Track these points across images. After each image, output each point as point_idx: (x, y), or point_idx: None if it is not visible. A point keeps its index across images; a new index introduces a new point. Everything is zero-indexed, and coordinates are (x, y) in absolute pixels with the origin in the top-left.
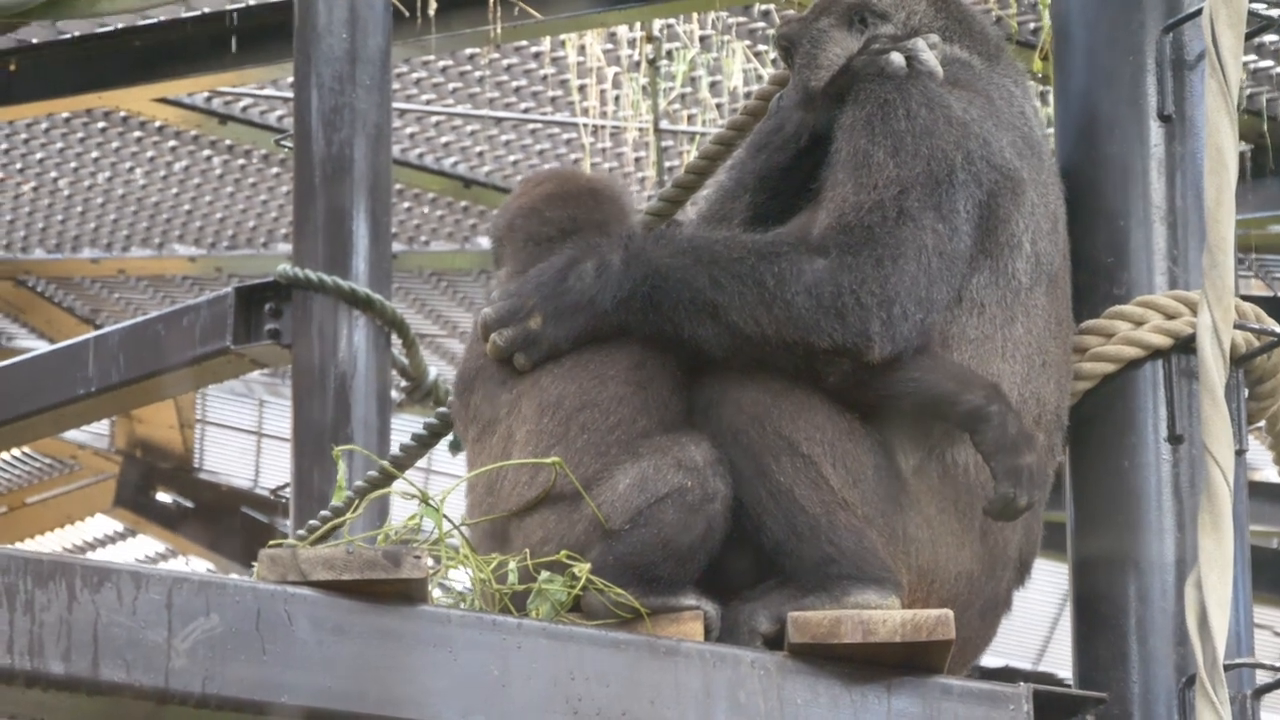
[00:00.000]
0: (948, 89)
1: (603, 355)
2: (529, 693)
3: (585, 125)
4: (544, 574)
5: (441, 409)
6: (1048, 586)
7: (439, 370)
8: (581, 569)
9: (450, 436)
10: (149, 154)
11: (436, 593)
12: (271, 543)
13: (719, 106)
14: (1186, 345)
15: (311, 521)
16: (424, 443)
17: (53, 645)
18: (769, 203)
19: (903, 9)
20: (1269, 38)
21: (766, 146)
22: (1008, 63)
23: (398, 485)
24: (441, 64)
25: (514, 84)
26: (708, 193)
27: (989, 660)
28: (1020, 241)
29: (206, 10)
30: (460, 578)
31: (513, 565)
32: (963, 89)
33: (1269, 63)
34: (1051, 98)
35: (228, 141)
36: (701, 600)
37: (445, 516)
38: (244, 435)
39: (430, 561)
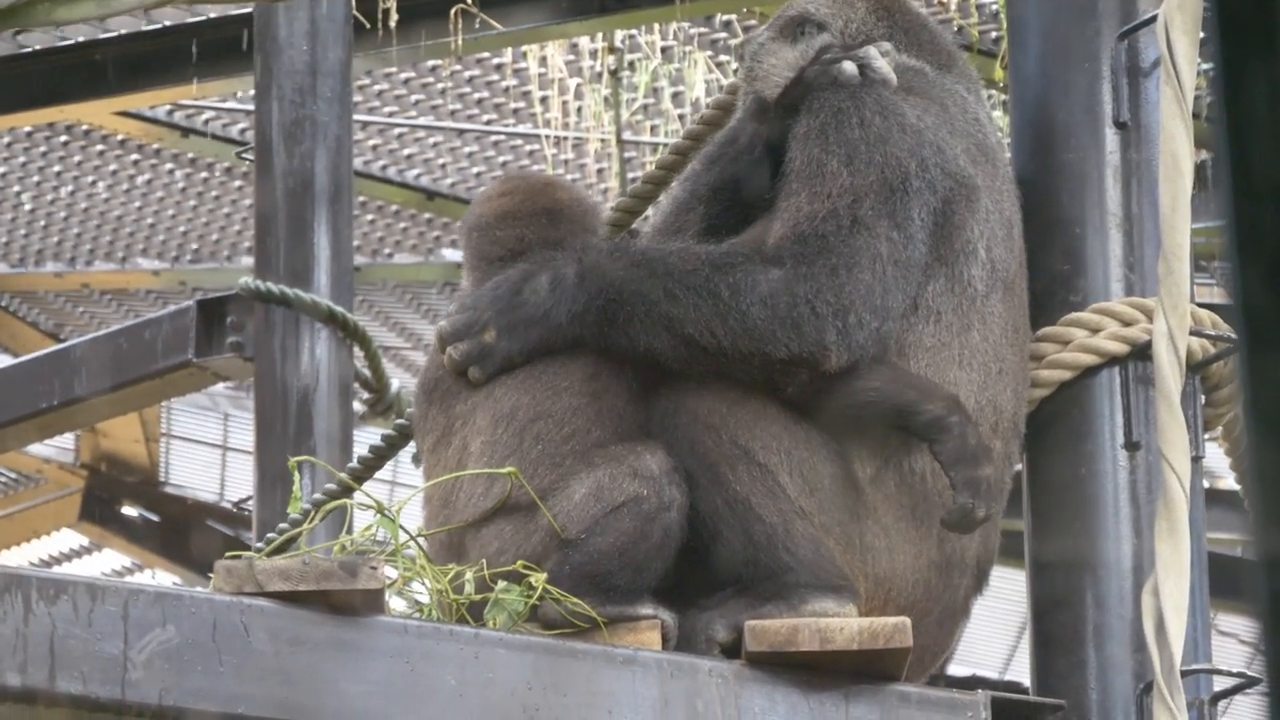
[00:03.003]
0: (901, 96)
1: (557, 366)
2: (486, 702)
3: (547, 136)
4: (501, 584)
5: (401, 420)
6: (1014, 595)
7: (402, 383)
8: (538, 579)
9: (413, 448)
10: (111, 168)
11: (394, 603)
12: (229, 554)
13: (681, 117)
14: (1143, 352)
15: (270, 534)
16: (383, 454)
17: (9, 658)
18: (723, 214)
19: (840, 17)
20: None
21: (720, 158)
22: (961, 69)
23: (355, 497)
24: (403, 76)
25: (476, 95)
26: (662, 205)
27: (956, 669)
28: (975, 248)
29: (168, 23)
30: (417, 589)
31: (469, 575)
32: (917, 96)
33: None
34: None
35: (189, 155)
36: (659, 609)
37: (401, 527)
38: (209, 449)
39: (387, 572)
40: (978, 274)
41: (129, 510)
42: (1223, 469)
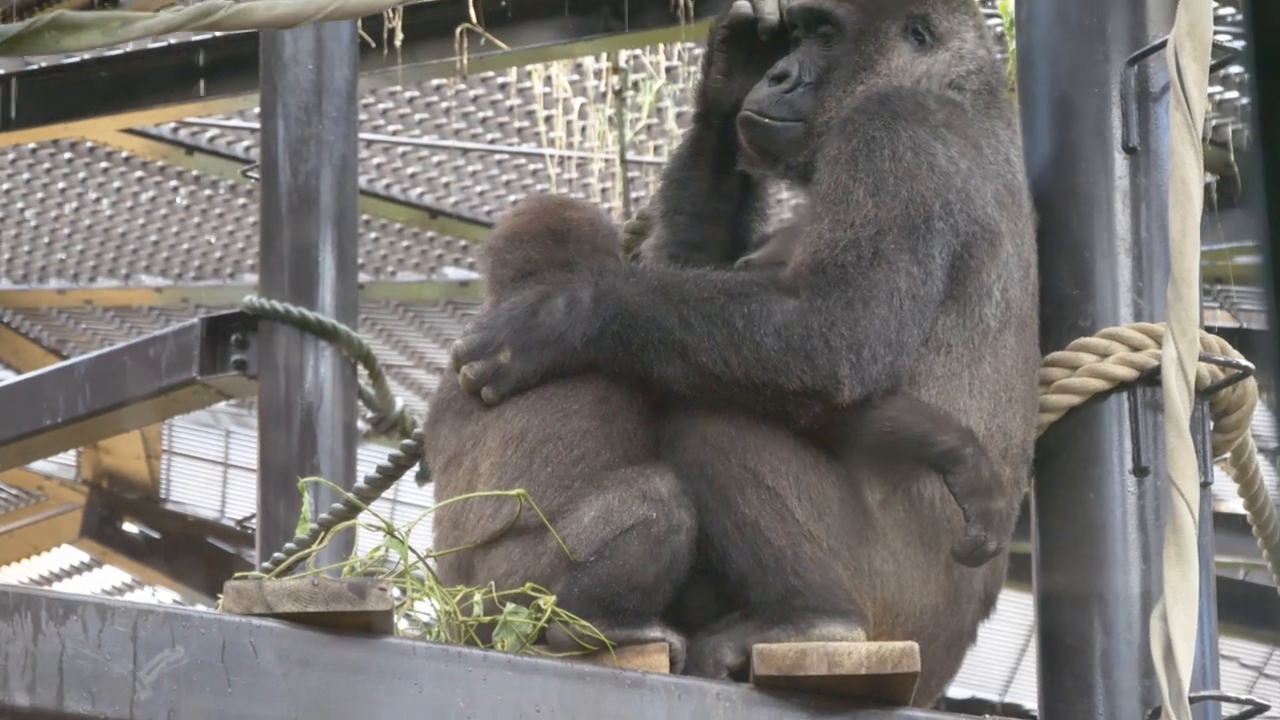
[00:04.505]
0: (938, 135)
1: (567, 389)
2: None
3: (551, 156)
4: (509, 606)
5: (407, 440)
6: (1015, 618)
7: (405, 401)
8: (546, 601)
9: (417, 468)
10: (115, 184)
11: (402, 625)
12: (238, 575)
13: None
14: (1152, 377)
15: (277, 554)
16: (389, 474)
17: (18, 677)
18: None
19: (956, 36)
20: (1234, 69)
21: None
22: (1002, 103)
23: (363, 517)
24: (408, 95)
25: (480, 115)
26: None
27: (956, 691)
28: (991, 290)
29: (173, 41)
30: (426, 610)
31: (478, 597)
32: (955, 134)
33: (1234, 94)
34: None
35: (194, 172)
36: (667, 632)
37: (410, 548)
38: (210, 466)
39: (396, 593)
40: (991, 313)
41: (130, 527)
42: (1229, 494)
